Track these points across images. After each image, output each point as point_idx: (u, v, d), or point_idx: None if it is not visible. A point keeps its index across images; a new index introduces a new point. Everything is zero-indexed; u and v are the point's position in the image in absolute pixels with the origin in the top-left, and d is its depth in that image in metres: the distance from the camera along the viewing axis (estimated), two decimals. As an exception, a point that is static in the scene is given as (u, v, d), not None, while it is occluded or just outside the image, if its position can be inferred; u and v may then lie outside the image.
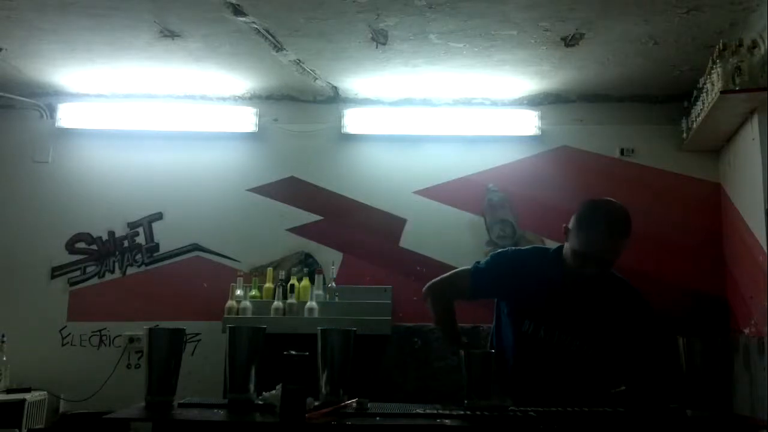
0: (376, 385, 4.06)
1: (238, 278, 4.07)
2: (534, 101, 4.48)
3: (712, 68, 3.48)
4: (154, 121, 4.50)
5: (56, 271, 4.38)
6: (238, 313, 3.92)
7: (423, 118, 4.48)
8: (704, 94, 3.67)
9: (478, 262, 2.31)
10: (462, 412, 2.07)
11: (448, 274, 2.36)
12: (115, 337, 4.28)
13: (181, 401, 2.16)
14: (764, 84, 3.27)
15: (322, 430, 1.90)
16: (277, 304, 3.94)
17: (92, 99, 4.57)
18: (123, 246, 4.42)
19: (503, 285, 2.25)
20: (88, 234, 4.43)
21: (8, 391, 3.89)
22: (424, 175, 4.44)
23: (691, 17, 3.35)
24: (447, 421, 1.96)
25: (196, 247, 4.40)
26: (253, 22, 3.51)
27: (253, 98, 4.57)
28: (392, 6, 3.29)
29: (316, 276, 4.04)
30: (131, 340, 4.24)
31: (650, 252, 4.23)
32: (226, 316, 3.91)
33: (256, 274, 4.25)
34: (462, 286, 2.30)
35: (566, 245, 2.26)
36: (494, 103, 4.52)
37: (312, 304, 3.89)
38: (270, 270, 4.15)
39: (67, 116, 4.51)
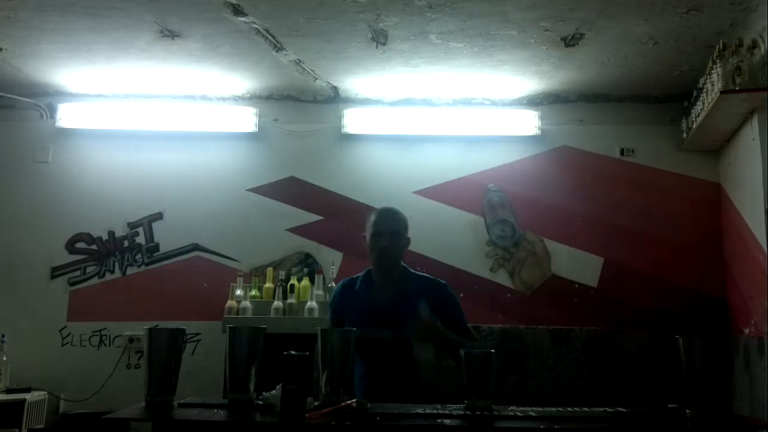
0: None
1: (238, 278, 4.07)
2: (534, 101, 4.48)
3: (712, 68, 3.49)
4: (154, 121, 4.50)
5: (56, 271, 4.38)
6: (238, 313, 3.92)
7: (423, 118, 4.48)
8: (704, 94, 3.67)
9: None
10: (462, 412, 2.07)
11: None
12: (115, 337, 4.28)
13: (181, 401, 2.16)
14: (764, 84, 3.27)
15: (322, 430, 1.90)
16: (277, 304, 3.94)
17: (92, 99, 4.57)
18: (123, 246, 4.42)
19: (341, 316, 2.60)
20: (88, 234, 4.43)
21: (8, 391, 3.89)
22: (424, 175, 4.44)
23: (691, 17, 3.35)
24: (447, 421, 1.96)
25: (196, 247, 4.40)
26: (253, 22, 3.51)
27: (253, 98, 4.58)
28: (392, 6, 3.29)
29: (316, 276, 4.04)
30: (131, 340, 4.24)
31: (650, 252, 4.24)
32: (226, 316, 3.91)
33: (256, 274, 4.25)
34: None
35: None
36: (494, 103, 4.52)
37: (312, 304, 3.89)
38: (270, 270, 4.15)
39: (67, 116, 4.51)
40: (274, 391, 2.06)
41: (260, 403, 2.10)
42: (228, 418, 1.99)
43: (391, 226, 2.57)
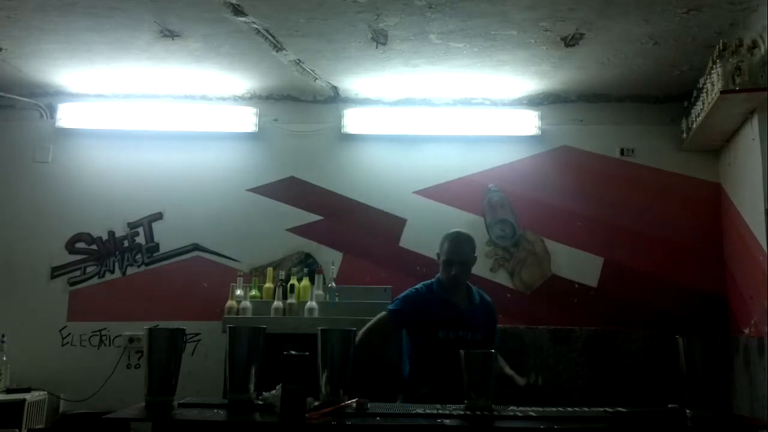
0: (377, 385, 4.06)
1: (238, 278, 4.07)
2: (534, 101, 4.48)
3: (712, 68, 3.48)
4: (154, 121, 4.50)
5: (56, 271, 4.38)
6: (238, 313, 3.92)
7: (423, 118, 4.48)
8: (704, 94, 3.67)
9: (389, 308, 2.92)
10: (462, 412, 2.07)
11: (369, 324, 2.88)
12: (115, 337, 4.28)
13: (181, 401, 2.16)
14: (764, 84, 3.27)
15: (322, 430, 1.90)
16: (277, 304, 3.93)
17: (92, 99, 4.57)
18: (123, 246, 4.42)
19: (414, 318, 2.85)
20: (88, 234, 4.43)
21: (8, 391, 3.89)
22: (424, 175, 4.44)
23: (691, 17, 3.35)
24: (447, 421, 1.96)
25: (196, 247, 4.40)
26: (253, 22, 3.51)
27: (253, 98, 4.58)
28: (392, 6, 3.29)
29: (316, 276, 4.04)
30: (131, 340, 4.24)
31: (650, 252, 4.24)
32: (226, 316, 3.91)
33: (256, 274, 4.25)
34: (386, 327, 2.87)
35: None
36: (494, 103, 4.52)
37: (312, 304, 3.88)
38: (270, 270, 4.14)
39: (67, 116, 4.51)
40: (274, 391, 2.06)
41: (260, 403, 2.10)
42: (228, 418, 1.99)
43: (461, 257, 2.88)
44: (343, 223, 4.39)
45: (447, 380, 2.58)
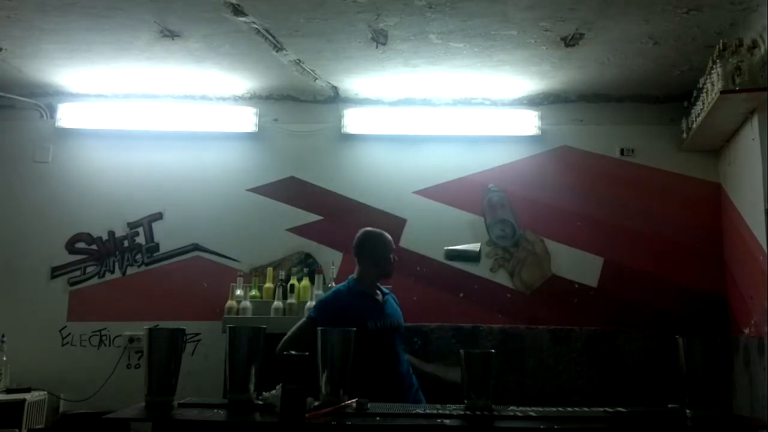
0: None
1: (238, 278, 4.07)
2: (534, 101, 4.48)
3: (712, 68, 3.48)
4: (154, 121, 4.50)
5: (56, 271, 4.38)
6: (238, 313, 3.92)
7: (423, 118, 4.48)
8: (704, 94, 3.66)
9: (309, 315, 2.96)
10: (462, 412, 2.07)
11: (290, 332, 2.88)
12: (115, 337, 4.28)
13: (181, 401, 2.16)
14: (764, 84, 3.27)
15: (322, 430, 1.90)
16: (277, 304, 3.94)
17: (92, 99, 4.57)
18: (123, 246, 4.42)
19: (336, 315, 2.85)
20: (88, 234, 4.43)
21: (8, 391, 3.89)
22: (424, 175, 4.44)
23: (691, 17, 3.35)
24: (447, 421, 1.96)
25: (196, 247, 4.40)
26: (253, 22, 3.51)
27: (253, 98, 4.58)
28: (392, 6, 3.29)
29: (316, 276, 4.03)
30: (131, 340, 4.24)
31: (650, 252, 4.24)
32: (226, 316, 3.91)
33: (256, 274, 4.25)
34: (306, 333, 2.76)
35: (358, 270, 3.09)
36: (494, 103, 4.52)
37: (312, 304, 3.88)
38: (270, 270, 4.14)
39: (67, 116, 4.51)
40: (274, 391, 2.06)
41: (260, 403, 2.10)
42: (228, 418, 2.00)
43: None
44: (343, 223, 4.39)
45: (388, 367, 2.86)
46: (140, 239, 4.43)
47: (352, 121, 4.48)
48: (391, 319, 3.00)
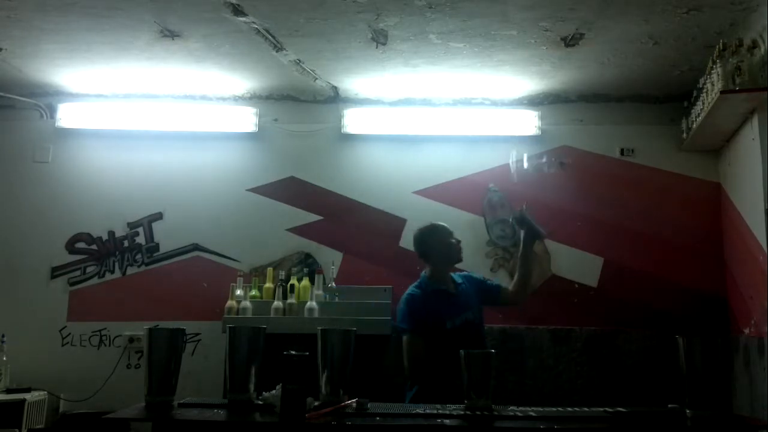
0: (376, 385, 4.06)
1: (238, 278, 4.07)
2: (534, 101, 4.48)
3: (712, 68, 3.48)
4: (154, 121, 4.50)
5: (56, 271, 4.38)
6: (238, 313, 3.92)
7: (423, 118, 4.48)
8: (704, 94, 3.66)
9: (404, 327, 2.90)
10: (462, 412, 2.07)
11: (406, 354, 2.86)
12: (115, 337, 4.28)
13: (181, 401, 2.16)
14: (764, 84, 3.27)
15: (322, 430, 1.90)
16: (277, 304, 3.93)
17: (92, 99, 4.57)
18: (123, 246, 4.42)
19: (423, 318, 2.85)
20: (88, 234, 4.43)
21: (8, 391, 3.89)
22: (424, 175, 4.43)
23: (691, 17, 3.35)
24: (447, 421, 1.96)
25: (196, 247, 4.40)
26: (253, 22, 3.51)
27: (253, 98, 4.58)
28: (392, 6, 3.29)
29: (316, 276, 4.03)
30: (131, 340, 4.24)
31: (650, 252, 4.24)
32: (226, 316, 3.91)
33: (256, 274, 4.25)
34: (417, 346, 2.82)
35: (427, 267, 3.05)
36: (494, 103, 4.52)
37: (312, 304, 3.88)
38: (270, 270, 4.14)
39: (67, 116, 4.51)
40: (274, 391, 2.06)
41: (260, 403, 2.10)
42: (228, 418, 2.00)
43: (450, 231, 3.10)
44: (343, 223, 4.39)
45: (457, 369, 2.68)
46: (140, 239, 4.43)
47: (352, 121, 4.48)
48: (466, 314, 2.91)
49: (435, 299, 2.91)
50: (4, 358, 3.99)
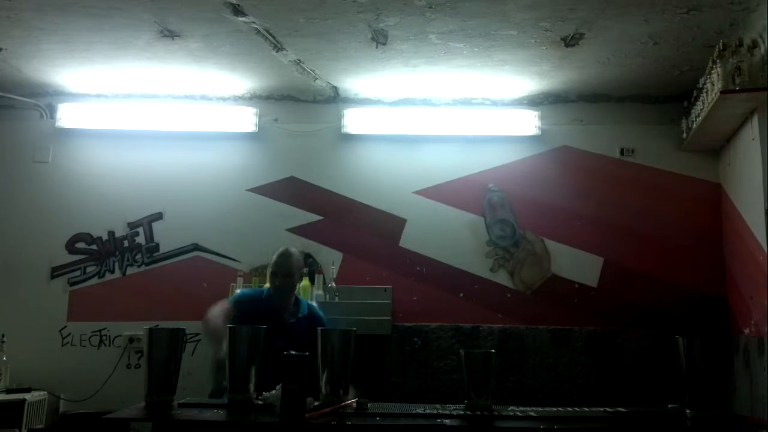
0: (376, 385, 4.07)
1: (238, 278, 4.07)
2: (534, 101, 4.48)
3: (712, 68, 3.48)
4: (154, 121, 4.50)
5: (56, 271, 4.38)
6: (238, 313, 3.92)
7: (423, 118, 4.47)
8: (704, 94, 3.66)
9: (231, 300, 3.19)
10: (462, 412, 2.07)
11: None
12: (115, 337, 4.28)
13: (181, 401, 2.16)
14: (764, 84, 3.27)
15: (322, 430, 1.90)
16: (277, 304, 3.93)
17: (92, 99, 4.57)
18: (123, 246, 4.42)
19: (241, 318, 2.99)
20: (88, 234, 4.43)
21: (8, 391, 3.89)
22: (424, 175, 4.43)
23: (691, 17, 3.35)
24: (447, 421, 1.96)
25: (196, 247, 4.40)
26: (253, 22, 3.51)
27: (253, 98, 4.58)
28: (392, 6, 3.29)
29: (316, 276, 4.04)
30: (131, 340, 4.24)
31: (650, 252, 4.24)
32: (226, 316, 3.90)
33: (256, 274, 4.25)
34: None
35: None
36: (494, 103, 4.52)
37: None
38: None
39: (67, 116, 4.51)
40: (274, 391, 2.06)
41: (260, 403, 2.10)
42: (228, 418, 2.00)
43: (285, 269, 3.16)
44: (343, 223, 4.39)
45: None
46: (140, 239, 4.43)
47: (352, 121, 4.48)
48: (282, 342, 2.71)
49: (261, 313, 2.99)
50: (4, 358, 3.99)
